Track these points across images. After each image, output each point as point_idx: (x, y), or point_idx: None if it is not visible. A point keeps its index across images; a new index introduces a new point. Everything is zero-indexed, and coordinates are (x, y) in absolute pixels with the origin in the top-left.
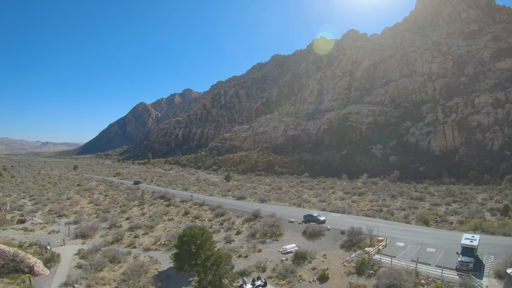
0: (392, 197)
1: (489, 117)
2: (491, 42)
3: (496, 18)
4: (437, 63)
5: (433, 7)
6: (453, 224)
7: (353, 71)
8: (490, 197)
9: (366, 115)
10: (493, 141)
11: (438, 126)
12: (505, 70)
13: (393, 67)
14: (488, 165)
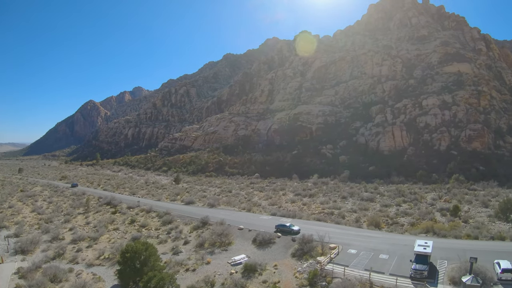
0: (343, 198)
1: (437, 119)
2: (439, 47)
3: (445, 25)
4: (387, 66)
5: (385, 12)
6: (405, 226)
7: (305, 71)
8: (439, 196)
9: (317, 116)
10: (440, 142)
11: (387, 127)
12: (452, 74)
13: (344, 69)
14: (436, 165)
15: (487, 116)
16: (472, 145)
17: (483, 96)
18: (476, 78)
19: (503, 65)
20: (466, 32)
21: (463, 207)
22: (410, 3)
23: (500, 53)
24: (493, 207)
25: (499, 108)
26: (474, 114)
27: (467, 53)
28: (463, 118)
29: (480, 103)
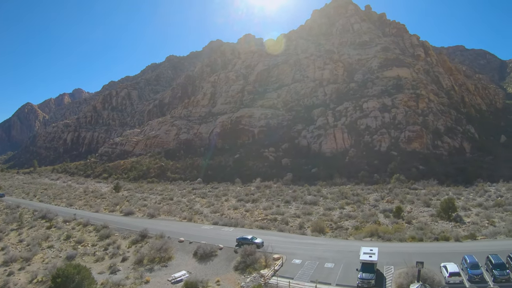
0: (286, 203)
1: (377, 121)
2: (380, 52)
3: (386, 31)
4: (329, 69)
5: (328, 18)
6: (349, 230)
7: (247, 75)
8: (382, 197)
9: (259, 119)
10: (381, 143)
11: (328, 129)
12: (392, 78)
13: (286, 72)
14: (377, 165)
15: (425, 118)
16: (411, 145)
17: (421, 99)
18: (415, 82)
19: (440, 70)
20: (406, 39)
21: (405, 207)
22: (353, 10)
23: (438, 58)
24: (435, 206)
25: (437, 110)
26: (413, 116)
27: (406, 58)
28: (402, 120)
29: (419, 105)
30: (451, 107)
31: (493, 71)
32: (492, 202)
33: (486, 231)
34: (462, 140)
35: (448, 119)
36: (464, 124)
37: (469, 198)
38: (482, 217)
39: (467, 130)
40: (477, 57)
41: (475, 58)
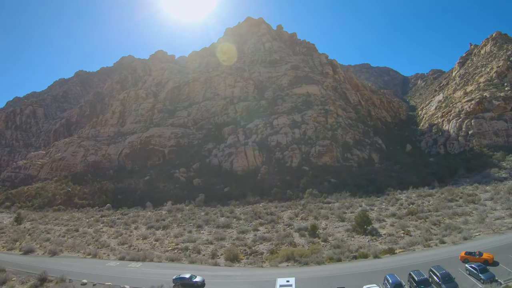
0: (198, 228)
1: (287, 137)
2: (290, 70)
3: (296, 50)
4: (239, 87)
5: (240, 36)
6: (264, 254)
7: (158, 92)
8: (296, 214)
9: (169, 138)
10: (292, 158)
11: (239, 147)
12: (301, 95)
13: (197, 90)
14: (289, 181)
15: (335, 132)
16: (322, 159)
17: (330, 115)
18: (324, 99)
19: (347, 86)
20: (315, 58)
21: (320, 223)
22: (265, 29)
23: (345, 76)
24: (349, 220)
25: (345, 124)
26: (322, 131)
27: (315, 76)
28: (312, 136)
29: (328, 121)
30: (358, 121)
31: (396, 86)
32: (405, 211)
33: (403, 242)
34: (371, 152)
35: (356, 132)
36: (372, 136)
37: (382, 208)
38: (397, 227)
39: (375, 142)
40: (381, 73)
41: (380, 75)
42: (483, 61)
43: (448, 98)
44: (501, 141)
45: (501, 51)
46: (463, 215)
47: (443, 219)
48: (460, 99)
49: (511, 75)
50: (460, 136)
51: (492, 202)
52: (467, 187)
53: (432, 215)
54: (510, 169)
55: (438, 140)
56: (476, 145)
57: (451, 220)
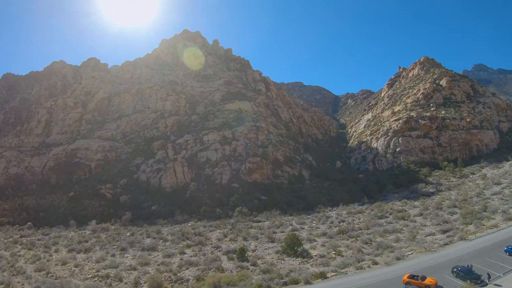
0: (122, 251)
1: (217, 153)
2: (223, 86)
3: (230, 66)
4: (171, 101)
5: (176, 48)
6: (190, 281)
7: (87, 102)
8: (225, 234)
9: (96, 151)
10: (222, 175)
11: (168, 163)
12: (233, 111)
13: (128, 102)
14: (219, 199)
15: (265, 149)
16: (252, 176)
17: (261, 131)
18: (255, 115)
19: (279, 104)
20: (249, 74)
21: (249, 245)
22: (201, 43)
23: (278, 93)
24: (279, 240)
25: (276, 141)
26: (253, 148)
27: (248, 92)
28: (243, 152)
29: (259, 137)
30: (289, 138)
31: (327, 105)
32: (335, 229)
33: (334, 263)
34: (301, 168)
35: (287, 149)
36: (303, 153)
37: (313, 226)
38: (329, 247)
39: (305, 159)
40: (314, 92)
41: (312, 93)
42: (411, 83)
43: (376, 117)
44: (427, 158)
45: (428, 74)
46: (394, 232)
47: (374, 237)
48: (388, 118)
49: (436, 96)
50: (388, 153)
51: (422, 218)
52: (396, 203)
53: (363, 233)
54: (436, 184)
55: (367, 157)
56: (403, 162)
57: (383, 238)
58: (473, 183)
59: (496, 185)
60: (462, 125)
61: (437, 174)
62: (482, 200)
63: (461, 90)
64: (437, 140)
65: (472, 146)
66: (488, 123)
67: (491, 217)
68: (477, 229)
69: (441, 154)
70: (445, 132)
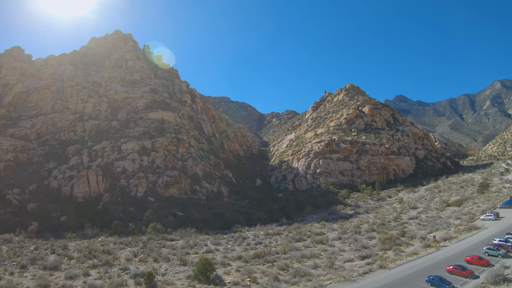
0: (22, 268)
1: (135, 164)
2: (148, 93)
3: (158, 74)
4: (92, 103)
5: (105, 49)
6: None
7: (3, 95)
8: (135, 254)
9: (7, 151)
10: (138, 188)
11: (82, 170)
12: (156, 120)
13: (47, 99)
14: (133, 213)
15: (185, 163)
16: (169, 190)
17: (181, 144)
18: (178, 127)
19: (204, 117)
20: (176, 84)
21: (160, 267)
22: (132, 46)
23: (203, 106)
24: (192, 264)
25: (196, 155)
26: (172, 160)
27: (173, 103)
28: (161, 165)
29: (179, 150)
30: (211, 153)
31: (252, 122)
32: (252, 252)
33: None
34: (220, 185)
35: (207, 164)
36: (223, 169)
37: (228, 248)
38: (244, 273)
39: (225, 175)
40: (240, 108)
41: (238, 109)
42: (335, 107)
43: (299, 138)
44: (346, 180)
45: (352, 101)
46: (312, 257)
47: (291, 262)
48: (310, 140)
49: (358, 122)
50: (309, 174)
51: (340, 242)
52: (314, 225)
53: (280, 257)
54: (355, 205)
55: (287, 176)
56: (323, 183)
57: (300, 263)
58: (390, 206)
59: (413, 209)
60: (381, 151)
61: (355, 196)
62: (400, 225)
63: (382, 118)
64: (356, 163)
65: (389, 170)
66: (406, 150)
67: (409, 243)
68: (396, 256)
69: (359, 177)
70: (364, 156)
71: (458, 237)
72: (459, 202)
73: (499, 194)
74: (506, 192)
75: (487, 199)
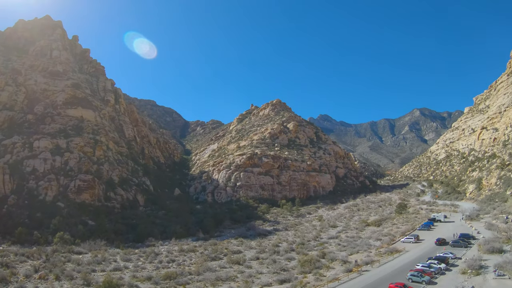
0: None
1: (46, 164)
2: (70, 88)
3: (84, 68)
4: (8, 92)
5: (31, 33)
6: None
7: None
8: (36, 269)
9: None
10: (47, 191)
11: None
12: (74, 118)
13: None
14: (40, 219)
15: (100, 167)
16: (81, 196)
17: (99, 146)
18: (97, 127)
19: (126, 119)
20: (101, 81)
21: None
22: (60, 35)
23: (127, 108)
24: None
25: (114, 159)
26: (87, 163)
27: (95, 101)
28: (74, 167)
29: (96, 153)
30: (129, 158)
31: (176, 129)
32: (163, 272)
33: None
34: (137, 193)
35: (124, 170)
36: (141, 176)
37: (139, 266)
38: None
39: (143, 182)
40: (165, 113)
41: (163, 114)
42: (260, 121)
43: (222, 149)
44: (266, 195)
45: (278, 116)
46: (227, 280)
47: (205, 286)
48: (233, 152)
49: (282, 137)
50: (229, 187)
51: (258, 263)
52: (232, 241)
53: (193, 279)
54: (274, 221)
55: (207, 187)
56: (243, 196)
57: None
58: (310, 224)
59: (332, 228)
60: (302, 167)
61: (275, 212)
62: (320, 245)
63: (306, 135)
64: (277, 178)
65: (310, 187)
66: (327, 168)
67: (330, 265)
68: (317, 281)
69: (280, 192)
70: (286, 172)
71: (380, 260)
72: (378, 222)
73: (417, 215)
74: (423, 213)
75: (406, 220)
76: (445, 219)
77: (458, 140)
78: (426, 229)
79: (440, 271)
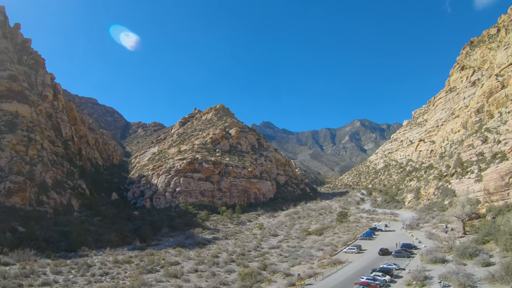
0: None
1: None
2: (5, 79)
3: (23, 60)
4: None
5: None
6: None
7: None
8: None
9: None
10: None
11: None
12: (8, 113)
13: None
14: None
15: (33, 168)
16: (11, 200)
17: (33, 145)
18: (32, 124)
19: (64, 117)
20: (40, 75)
21: None
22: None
23: (65, 105)
24: None
25: (48, 160)
26: (19, 164)
27: (32, 95)
28: (5, 167)
29: (29, 152)
30: (65, 159)
31: (117, 129)
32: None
33: None
34: (71, 197)
35: (59, 172)
36: (76, 178)
37: (69, 279)
38: None
39: (78, 186)
40: (106, 113)
41: (104, 114)
42: (203, 126)
43: (162, 152)
44: (206, 201)
45: (220, 121)
46: None
47: None
48: (173, 156)
49: (224, 143)
50: (168, 192)
51: (197, 276)
52: (170, 251)
53: None
54: (214, 229)
55: (145, 192)
56: (182, 202)
57: None
58: (250, 232)
59: (273, 236)
60: (243, 174)
61: (215, 219)
62: (261, 255)
63: (248, 141)
64: (218, 184)
65: (250, 193)
66: (268, 175)
67: (272, 278)
68: None
69: (220, 198)
70: (226, 178)
71: (323, 273)
72: (320, 231)
73: (357, 224)
74: (364, 222)
75: (347, 229)
76: (386, 228)
77: (397, 151)
78: (368, 239)
79: (385, 284)
